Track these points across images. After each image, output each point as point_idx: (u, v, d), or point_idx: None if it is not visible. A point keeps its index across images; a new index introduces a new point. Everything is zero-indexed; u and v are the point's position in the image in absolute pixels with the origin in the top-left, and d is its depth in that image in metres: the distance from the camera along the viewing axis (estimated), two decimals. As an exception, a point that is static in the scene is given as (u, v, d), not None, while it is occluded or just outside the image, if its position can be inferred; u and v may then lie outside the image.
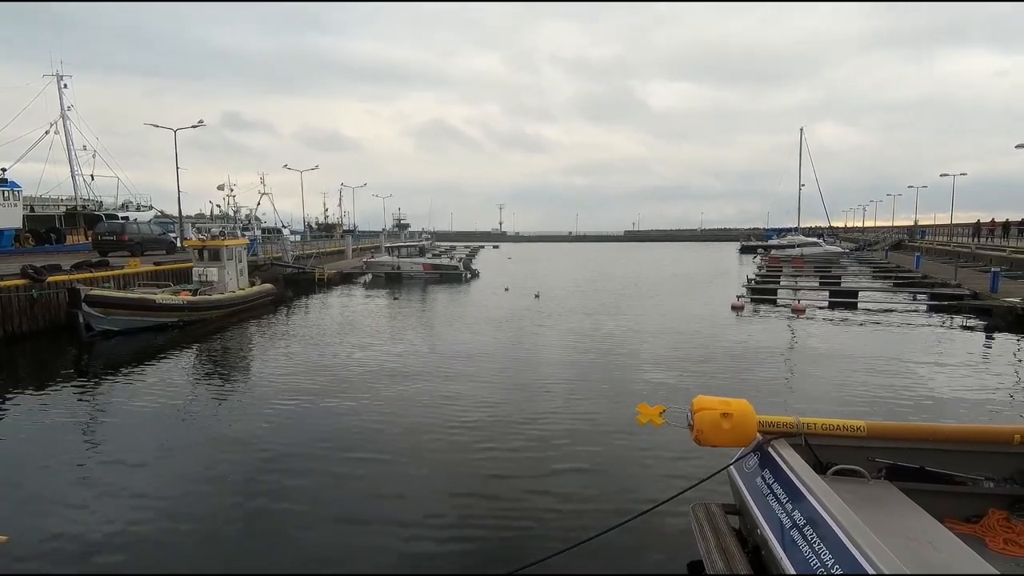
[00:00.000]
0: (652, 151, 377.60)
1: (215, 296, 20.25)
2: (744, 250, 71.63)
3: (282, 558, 5.46)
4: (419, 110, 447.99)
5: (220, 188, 29.17)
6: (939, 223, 66.60)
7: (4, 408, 10.24)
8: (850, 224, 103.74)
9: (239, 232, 27.78)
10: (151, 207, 48.03)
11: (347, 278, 35.04)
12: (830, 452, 4.70)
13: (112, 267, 21.06)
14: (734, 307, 21.60)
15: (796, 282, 29.33)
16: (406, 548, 5.60)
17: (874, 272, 33.84)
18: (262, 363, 13.79)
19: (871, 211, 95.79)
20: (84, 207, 41.69)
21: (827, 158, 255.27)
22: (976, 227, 46.75)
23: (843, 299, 23.23)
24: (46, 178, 42.65)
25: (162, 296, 18.44)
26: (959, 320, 18.81)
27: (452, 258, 45.56)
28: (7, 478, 7.21)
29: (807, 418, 4.70)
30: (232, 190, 29.77)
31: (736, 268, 45.23)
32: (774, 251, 52.37)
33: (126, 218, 37.80)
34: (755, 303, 23.10)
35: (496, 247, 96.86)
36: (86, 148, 43.72)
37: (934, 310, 20.57)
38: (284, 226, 50.55)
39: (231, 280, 21.66)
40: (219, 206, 30.91)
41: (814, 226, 75.15)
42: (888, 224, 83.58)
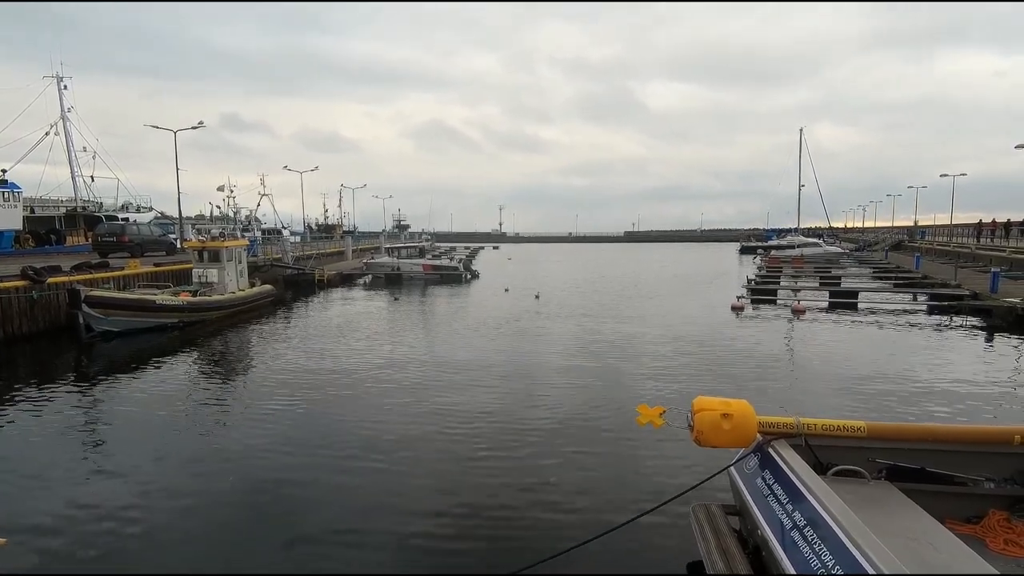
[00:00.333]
0: (651, 151, 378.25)
1: (215, 297, 20.27)
2: (744, 250, 71.68)
3: (283, 558, 5.45)
4: (418, 111, 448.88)
5: (220, 189, 29.18)
6: (939, 223, 66.70)
7: (4, 410, 10.23)
8: (850, 224, 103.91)
9: (239, 233, 27.78)
10: (151, 208, 48.08)
11: (347, 279, 35.04)
12: (830, 453, 4.70)
13: (112, 268, 21.07)
14: (734, 308, 21.60)
15: (796, 283, 29.34)
16: (407, 548, 5.60)
17: (874, 273, 33.81)
18: (262, 364, 13.79)
19: (871, 211, 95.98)
20: (84, 208, 41.75)
21: (827, 158, 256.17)
22: (978, 227, 46.78)
23: (843, 299, 23.20)
24: (46, 179, 42.77)
25: (162, 297, 18.45)
26: (959, 320, 18.80)
27: (452, 259, 45.55)
28: (7, 480, 7.20)
29: (807, 418, 4.69)
30: (232, 191, 29.80)
31: (736, 268, 45.23)
32: (774, 251, 52.46)
33: (126, 219, 37.83)
34: (755, 304, 23.11)
35: (496, 248, 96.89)
36: (86, 149, 43.86)
37: (934, 310, 20.57)
38: (284, 227, 50.57)
39: (231, 281, 21.67)
40: (219, 207, 30.92)
41: (814, 227, 75.26)
42: (888, 224, 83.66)
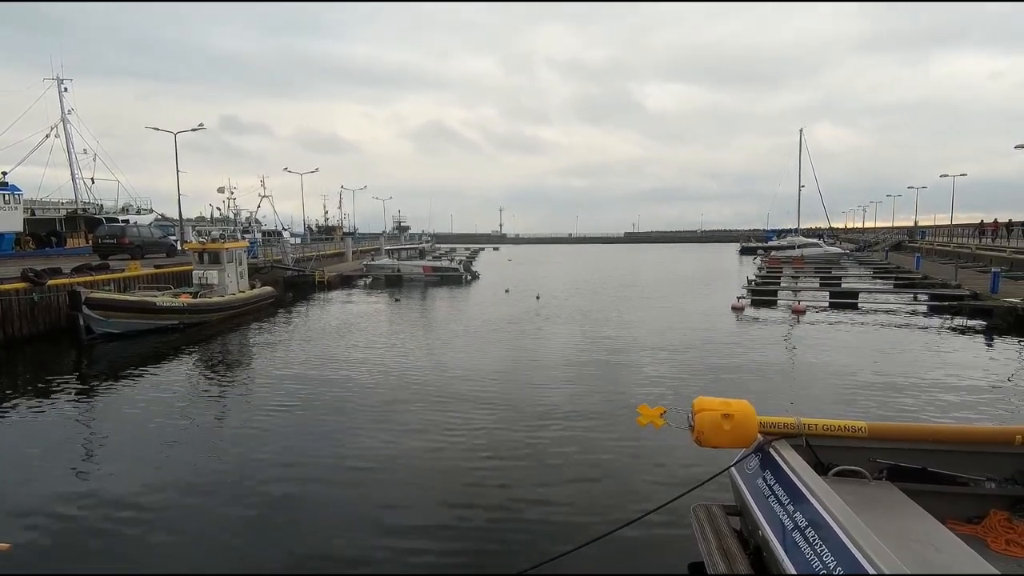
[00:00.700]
0: (649, 152, 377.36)
1: (215, 299, 20.28)
2: (744, 251, 71.65)
3: (284, 559, 5.45)
4: (417, 112, 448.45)
5: (220, 191, 29.22)
6: (939, 224, 66.69)
7: (5, 412, 10.23)
8: (850, 225, 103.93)
9: (239, 235, 27.80)
10: (151, 210, 48.12)
11: (347, 280, 35.03)
12: (831, 453, 4.69)
13: (112, 270, 21.08)
14: (734, 308, 21.59)
15: (796, 283, 29.34)
16: (409, 549, 5.59)
17: (874, 273, 33.81)
18: (262, 366, 13.79)
19: (871, 212, 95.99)
20: (84, 210, 41.79)
21: (826, 159, 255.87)
22: (980, 228, 46.77)
23: (843, 300, 23.20)
24: (46, 181, 42.94)
25: (162, 299, 18.45)
26: (959, 321, 18.79)
27: (452, 260, 45.56)
28: (8, 483, 7.20)
29: (808, 419, 4.69)
30: (232, 193, 29.83)
31: (736, 269, 45.22)
32: (774, 252, 52.43)
33: (126, 221, 37.89)
34: (755, 304, 23.07)
35: (496, 249, 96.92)
36: (86, 152, 43.94)
37: (934, 311, 20.55)
38: (284, 228, 50.65)
39: (231, 283, 21.68)
40: (219, 209, 30.95)
41: (814, 227, 75.27)
42: (888, 225, 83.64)
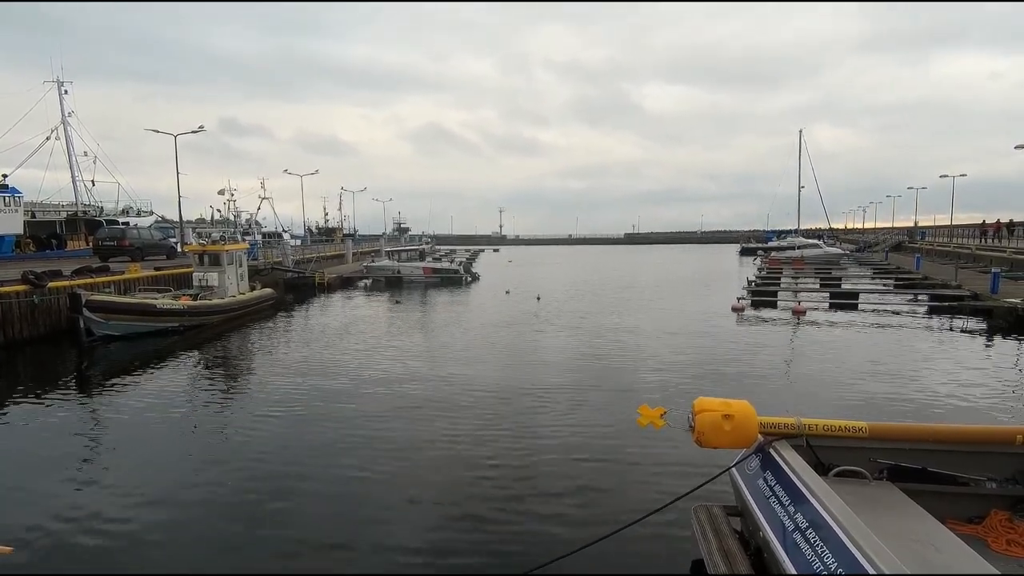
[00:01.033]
0: (648, 154, 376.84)
1: (215, 301, 20.28)
2: (744, 252, 71.65)
3: (285, 559, 5.46)
4: (416, 114, 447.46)
5: (221, 193, 29.23)
6: (939, 224, 66.69)
7: (5, 414, 10.24)
8: (850, 225, 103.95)
9: (239, 237, 27.81)
10: (151, 212, 48.18)
11: (347, 282, 35.05)
12: (832, 453, 4.69)
13: (113, 272, 21.09)
14: (735, 309, 21.59)
15: (796, 284, 29.33)
16: (410, 551, 5.59)
17: (874, 273, 33.81)
18: (262, 369, 13.79)
19: (871, 212, 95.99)
20: (85, 213, 41.82)
21: (825, 160, 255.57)
22: (982, 228, 46.77)
23: (844, 300, 23.20)
24: (47, 184, 42.92)
25: (163, 301, 18.45)
26: (960, 321, 18.79)
27: (452, 262, 45.56)
28: (8, 486, 7.20)
29: (808, 419, 4.69)
30: (232, 195, 29.85)
31: (736, 270, 45.22)
32: (774, 253, 52.42)
33: (127, 223, 37.95)
34: (756, 305, 23.08)
35: (496, 250, 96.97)
36: (87, 154, 43.95)
37: (935, 311, 20.55)
38: (284, 230, 50.60)
39: (231, 285, 21.68)
40: (219, 211, 30.98)
41: (814, 228, 75.26)
42: (888, 225, 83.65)
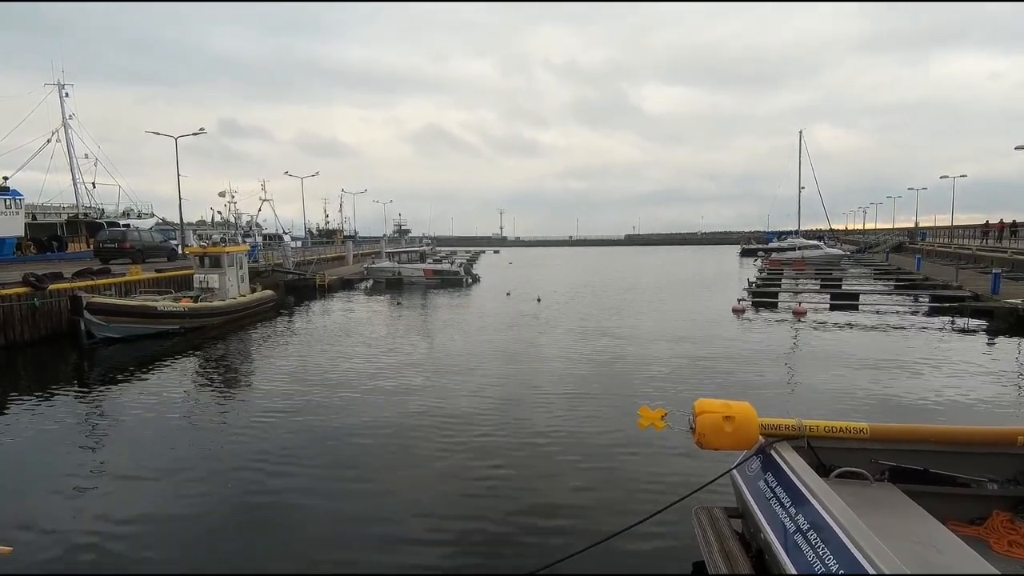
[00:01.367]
0: (648, 155, 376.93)
1: (216, 303, 20.30)
2: (745, 253, 71.66)
3: (287, 560, 5.45)
4: (415, 115, 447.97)
5: (221, 195, 29.38)
6: (939, 225, 66.68)
7: (6, 416, 10.24)
8: (850, 226, 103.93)
9: (240, 239, 27.84)
10: (152, 214, 48.22)
11: (348, 284, 35.08)
12: (833, 454, 4.69)
13: (114, 274, 21.10)
14: (735, 310, 21.57)
15: (797, 285, 29.32)
16: (411, 552, 5.58)
17: (875, 274, 33.79)
18: (262, 371, 13.79)
19: (871, 213, 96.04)
20: (86, 215, 41.87)
21: (825, 160, 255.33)
22: (984, 228, 46.76)
23: (844, 301, 23.15)
24: (48, 186, 42.99)
25: (163, 303, 18.47)
26: (960, 322, 18.77)
27: (453, 263, 45.58)
28: (9, 487, 7.20)
29: (809, 420, 4.69)
30: (233, 197, 29.95)
31: (737, 271, 45.21)
32: (775, 254, 52.42)
33: (127, 225, 37.95)
34: (756, 306, 23.06)
35: (497, 252, 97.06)
36: (87, 156, 44.01)
37: (935, 312, 20.52)
38: (285, 232, 50.69)
39: (232, 287, 21.70)
40: (220, 213, 31.07)
41: (815, 229, 75.28)
42: (888, 226, 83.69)
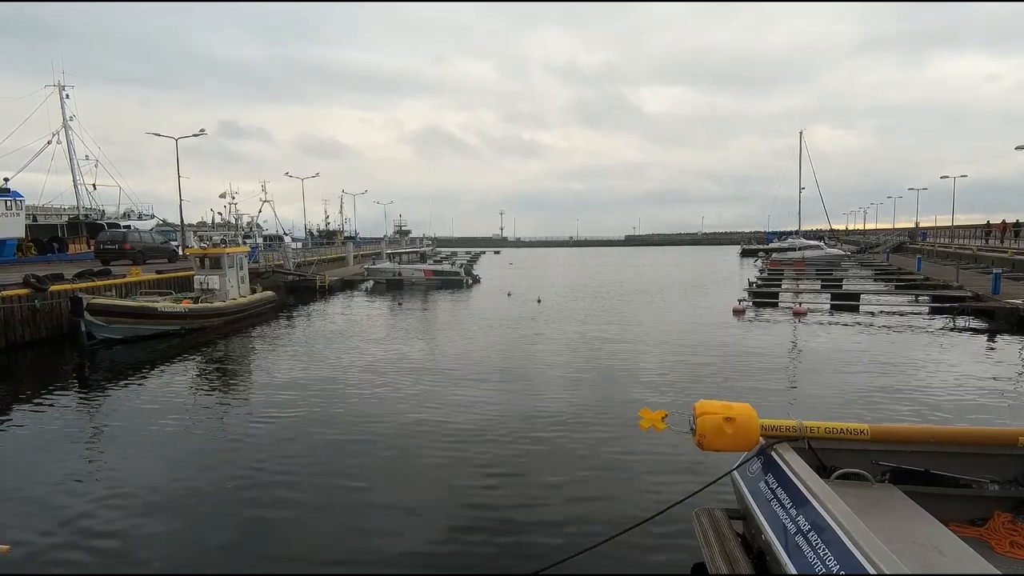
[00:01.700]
0: (648, 156, 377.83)
1: (216, 304, 20.30)
2: (745, 253, 71.66)
3: (288, 560, 5.45)
4: (415, 117, 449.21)
5: (222, 196, 29.43)
6: (940, 225, 66.63)
7: (6, 417, 10.24)
8: (851, 227, 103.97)
9: (240, 240, 27.87)
10: (153, 216, 48.24)
11: (348, 285, 35.08)
12: (834, 456, 4.68)
13: (114, 276, 21.11)
14: (735, 311, 21.55)
15: (797, 285, 29.29)
16: (411, 553, 5.58)
17: (876, 275, 33.77)
18: (262, 372, 13.79)
19: (872, 213, 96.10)
20: (86, 216, 41.91)
21: (825, 161, 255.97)
22: (986, 228, 46.75)
23: (845, 302, 23.15)
24: (48, 188, 43.30)
25: (164, 304, 18.47)
26: (961, 322, 18.75)
27: (453, 264, 45.55)
28: (9, 487, 7.20)
29: (810, 421, 4.68)
30: (234, 198, 30.00)
31: (737, 272, 45.20)
32: (775, 254, 52.40)
33: (128, 227, 37.98)
34: (757, 307, 23.06)
35: (497, 253, 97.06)
36: (88, 157, 44.06)
37: (936, 312, 20.51)
38: (286, 233, 50.68)
39: (232, 288, 21.71)
40: (220, 214, 31.13)
41: (815, 229, 75.29)
42: (889, 226, 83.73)
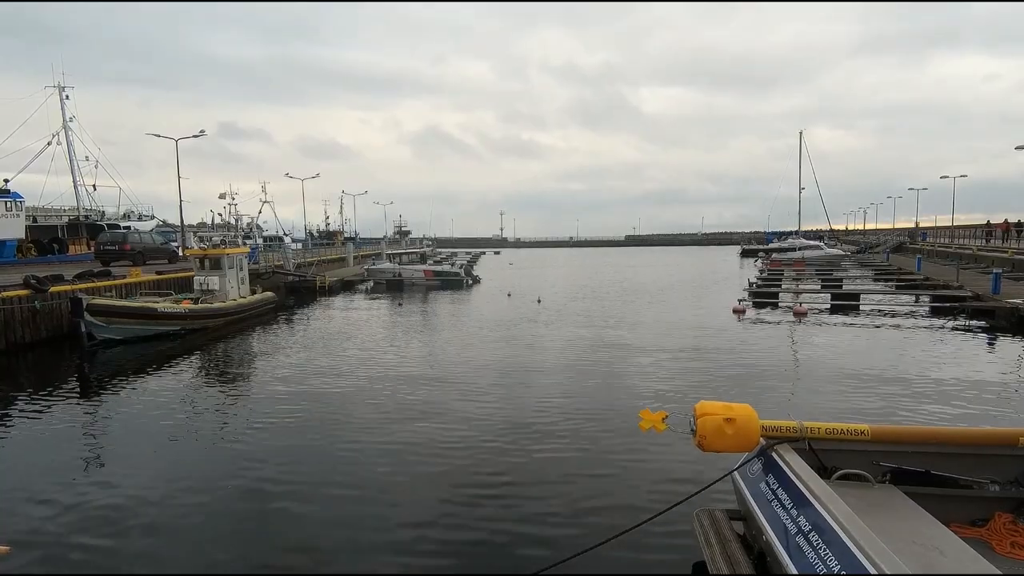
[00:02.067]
0: (648, 156, 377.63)
1: (216, 304, 20.30)
2: (745, 254, 71.68)
3: (288, 561, 5.45)
4: (414, 117, 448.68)
5: (222, 197, 29.46)
6: (940, 225, 66.66)
7: (7, 418, 10.24)
8: (851, 227, 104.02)
9: (240, 240, 27.88)
10: (153, 216, 48.28)
11: (348, 285, 35.10)
12: (834, 456, 4.68)
13: (114, 276, 21.12)
14: (735, 311, 21.55)
15: (797, 285, 29.28)
16: (411, 554, 5.57)
17: (876, 275, 33.76)
18: (262, 372, 13.78)
19: (871, 213, 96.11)
20: (86, 217, 41.92)
21: (825, 161, 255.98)
22: (987, 229, 46.77)
23: (845, 302, 23.14)
24: (48, 189, 43.33)
25: (164, 305, 18.48)
26: (961, 322, 18.75)
27: (453, 264, 45.56)
28: (9, 488, 7.20)
29: (811, 422, 4.68)
30: (233, 198, 30.02)
31: (737, 272, 45.19)
32: (775, 254, 52.42)
33: (128, 228, 38.00)
34: (757, 307, 23.06)
35: (497, 253, 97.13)
36: (88, 158, 44.08)
37: (936, 312, 20.51)
38: (286, 234, 50.75)
39: (232, 288, 21.72)
40: (220, 215, 31.15)
41: (815, 229, 75.30)
42: (889, 226, 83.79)
